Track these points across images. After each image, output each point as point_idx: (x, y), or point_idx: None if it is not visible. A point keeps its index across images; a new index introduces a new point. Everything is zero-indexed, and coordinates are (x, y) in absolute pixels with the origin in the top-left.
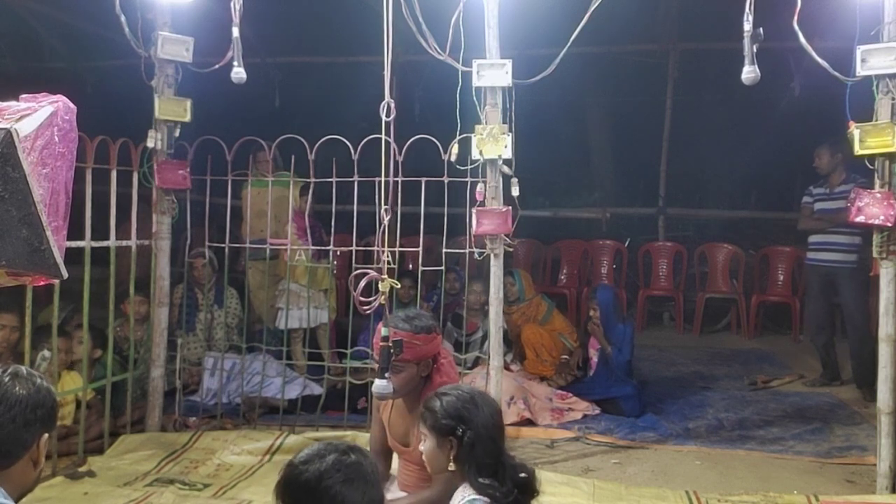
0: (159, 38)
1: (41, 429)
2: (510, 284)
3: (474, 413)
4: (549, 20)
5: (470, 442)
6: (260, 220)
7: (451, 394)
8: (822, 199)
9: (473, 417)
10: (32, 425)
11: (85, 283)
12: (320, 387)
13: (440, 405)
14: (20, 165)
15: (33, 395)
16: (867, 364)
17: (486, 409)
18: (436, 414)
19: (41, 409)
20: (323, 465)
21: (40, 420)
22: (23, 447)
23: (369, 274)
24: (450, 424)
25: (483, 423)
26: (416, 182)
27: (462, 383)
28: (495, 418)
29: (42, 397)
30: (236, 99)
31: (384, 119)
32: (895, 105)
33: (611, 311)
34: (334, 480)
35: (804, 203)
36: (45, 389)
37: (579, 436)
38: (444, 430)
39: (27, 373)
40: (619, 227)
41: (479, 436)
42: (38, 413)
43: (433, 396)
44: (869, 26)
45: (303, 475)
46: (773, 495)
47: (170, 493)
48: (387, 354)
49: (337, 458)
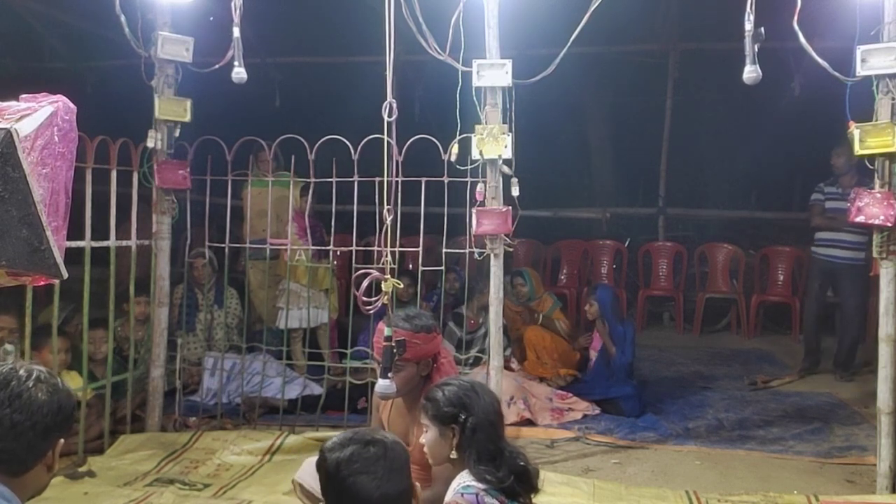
0: (159, 38)
1: (58, 434)
2: (521, 285)
3: (475, 400)
4: (549, 20)
5: (472, 428)
6: (261, 219)
7: (453, 383)
8: (834, 199)
9: (474, 404)
10: (51, 432)
11: (85, 283)
12: (320, 387)
13: (442, 395)
14: (20, 165)
15: (54, 400)
16: (847, 351)
17: (486, 397)
18: (438, 403)
19: (60, 414)
20: (342, 454)
21: (58, 426)
22: (40, 455)
23: (372, 274)
24: (452, 412)
25: (484, 410)
26: (416, 182)
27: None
28: (495, 405)
29: (62, 402)
30: (236, 99)
31: (386, 119)
32: (895, 105)
33: (609, 311)
34: (350, 471)
35: (815, 200)
36: (65, 393)
37: (579, 436)
38: (446, 418)
39: (47, 375)
40: (619, 227)
41: (480, 422)
42: (57, 419)
43: (435, 388)
44: (869, 26)
45: (325, 462)
46: (773, 495)
47: (170, 493)
48: (389, 354)
49: (356, 449)
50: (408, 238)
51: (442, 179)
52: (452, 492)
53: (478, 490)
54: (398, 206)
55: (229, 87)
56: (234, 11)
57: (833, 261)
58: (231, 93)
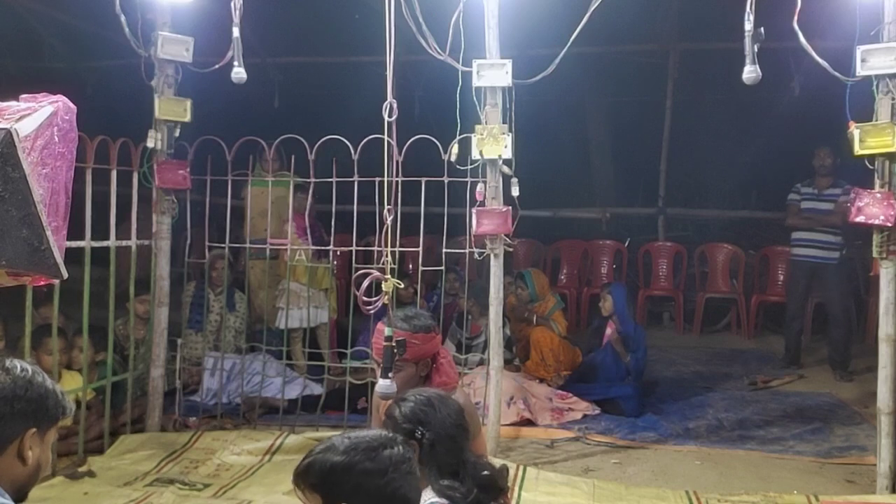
0: (159, 38)
1: (23, 423)
2: (521, 289)
3: (431, 415)
4: (549, 20)
5: (430, 443)
6: (262, 219)
7: (410, 399)
8: (810, 199)
9: (431, 419)
10: (10, 419)
11: (85, 283)
12: (320, 387)
13: (399, 411)
14: (20, 165)
15: (10, 387)
16: (840, 349)
17: (443, 411)
18: (396, 420)
19: (20, 402)
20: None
21: (20, 414)
22: (2, 441)
23: (372, 274)
24: (408, 428)
25: (441, 424)
26: (416, 182)
27: (461, 383)
28: (454, 418)
29: (21, 390)
30: (236, 99)
31: (387, 119)
32: (895, 105)
33: (624, 308)
34: (399, 473)
35: (791, 200)
36: (26, 381)
37: (579, 436)
38: (404, 433)
39: (11, 365)
40: (619, 227)
41: (438, 436)
42: (16, 406)
43: (393, 404)
44: (869, 26)
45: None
46: (773, 495)
47: (170, 493)
48: (390, 354)
49: (396, 451)
50: (408, 238)
51: (442, 179)
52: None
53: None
54: (398, 206)
55: (229, 87)
56: (234, 11)
57: (812, 261)
58: (231, 93)
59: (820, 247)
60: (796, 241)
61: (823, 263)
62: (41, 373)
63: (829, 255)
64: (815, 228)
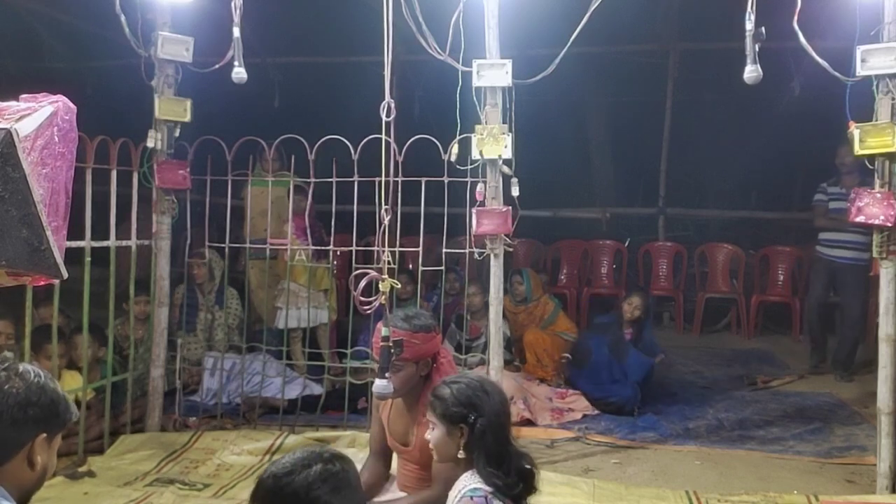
0: (159, 38)
1: (35, 428)
2: (518, 283)
3: (485, 400)
4: (549, 20)
5: (481, 429)
6: (262, 218)
7: (461, 381)
8: (838, 199)
9: (484, 405)
10: (23, 424)
11: (85, 283)
12: (320, 387)
13: (450, 393)
14: (20, 165)
15: (24, 392)
16: (847, 350)
17: (495, 397)
18: (446, 402)
19: (34, 407)
20: (310, 474)
21: (33, 419)
22: (14, 446)
23: (370, 274)
24: (461, 412)
25: (493, 411)
26: (416, 182)
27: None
28: (504, 405)
29: (35, 396)
30: (236, 99)
31: (384, 119)
32: (895, 105)
33: (649, 316)
34: (322, 491)
35: (818, 201)
36: (39, 387)
37: (579, 436)
38: (454, 417)
39: (24, 370)
40: (619, 227)
41: (490, 423)
42: (29, 412)
43: (442, 384)
44: (869, 26)
45: (286, 486)
46: (773, 495)
47: (170, 493)
48: (387, 354)
49: (322, 468)
50: (408, 238)
51: (442, 179)
52: (458, 493)
53: (486, 493)
54: (398, 206)
55: (229, 87)
56: (234, 11)
57: (838, 261)
58: (231, 93)
59: (849, 247)
60: (825, 241)
61: (850, 264)
62: (52, 378)
63: (858, 256)
64: (845, 228)
